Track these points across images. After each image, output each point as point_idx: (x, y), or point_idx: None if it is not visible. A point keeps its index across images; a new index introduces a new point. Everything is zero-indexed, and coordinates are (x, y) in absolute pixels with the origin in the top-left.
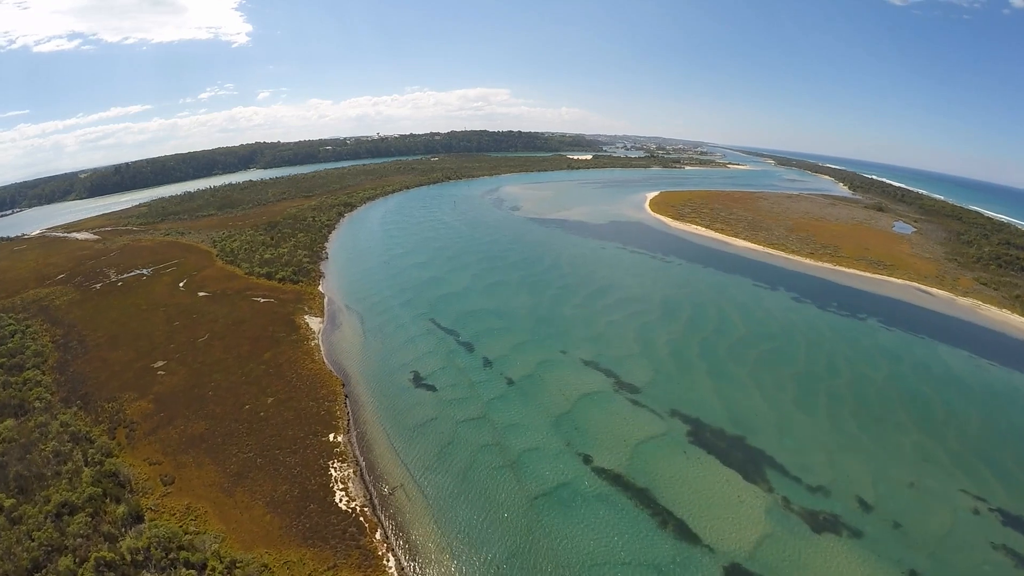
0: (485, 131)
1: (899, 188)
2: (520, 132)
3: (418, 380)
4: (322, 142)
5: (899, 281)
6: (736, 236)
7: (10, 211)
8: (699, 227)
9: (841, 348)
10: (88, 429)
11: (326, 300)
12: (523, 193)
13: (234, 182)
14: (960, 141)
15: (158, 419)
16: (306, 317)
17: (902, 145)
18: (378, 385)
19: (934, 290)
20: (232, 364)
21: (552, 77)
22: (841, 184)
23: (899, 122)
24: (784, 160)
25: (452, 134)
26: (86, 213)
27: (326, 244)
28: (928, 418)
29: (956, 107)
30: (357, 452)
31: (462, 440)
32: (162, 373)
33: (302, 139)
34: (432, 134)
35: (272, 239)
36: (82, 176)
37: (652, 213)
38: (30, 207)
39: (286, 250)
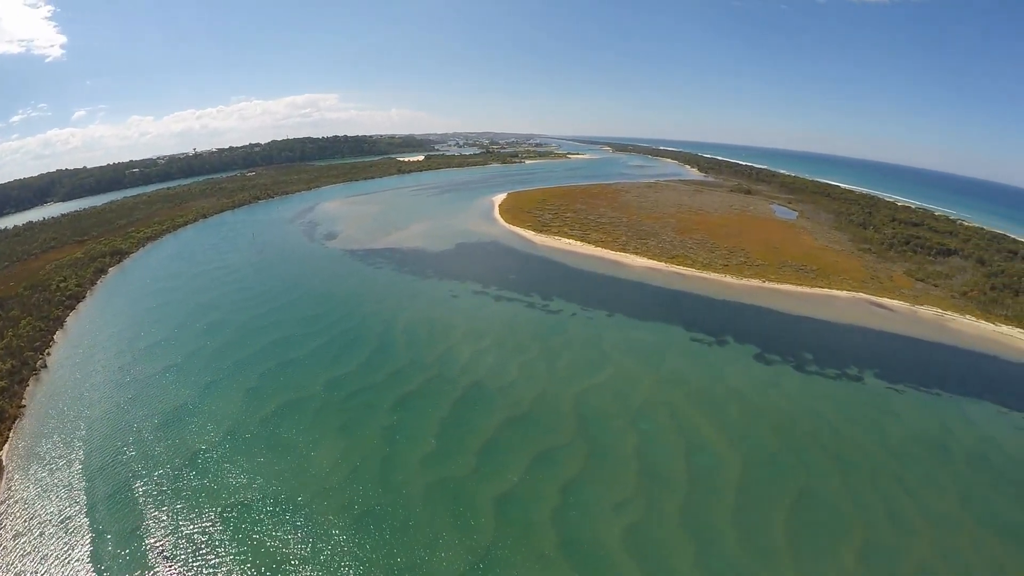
0: (308, 138)
1: (746, 167)
2: (346, 137)
3: None
4: (130, 164)
5: (843, 294)
6: (625, 250)
7: None
8: (573, 240)
9: (879, 459)
10: None
11: None
12: (344, 211)
13: (10, 226)
14: (769, 115)
15: None
16: None
17: (721, 122)
18: None
19: (885, 300)
20: None
21: (381, 79)
22: (688, 166)
23: (720, 100)
24: (620, 146)
25: (273, 144)
26: None
27: (54, 337)
28: None
29: (780, 90)
30: None
31: None
32: None
33: (119, 161)
34: (252, 146)
35: None
36: None
37: (508, 225)
38: None
39: None
